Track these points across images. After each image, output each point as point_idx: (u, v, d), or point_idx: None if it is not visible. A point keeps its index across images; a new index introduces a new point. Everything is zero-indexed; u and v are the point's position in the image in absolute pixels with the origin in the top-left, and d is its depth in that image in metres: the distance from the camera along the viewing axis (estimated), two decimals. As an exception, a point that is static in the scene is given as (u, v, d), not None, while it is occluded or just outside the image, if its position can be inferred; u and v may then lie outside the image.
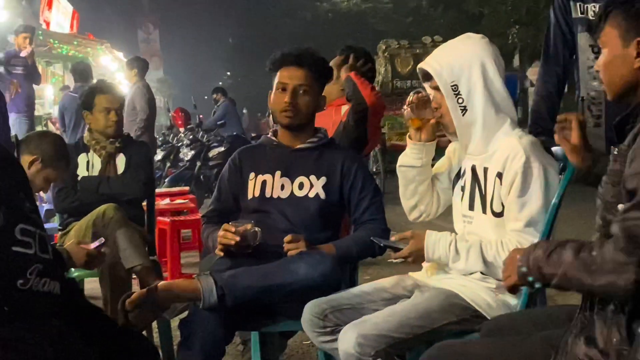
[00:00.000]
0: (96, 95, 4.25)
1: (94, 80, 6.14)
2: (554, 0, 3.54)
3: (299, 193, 3.10)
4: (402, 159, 2.87)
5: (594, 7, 3.32)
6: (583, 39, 3.41)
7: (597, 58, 3.31)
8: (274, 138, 3.24)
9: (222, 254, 2.98)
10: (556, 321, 2.07)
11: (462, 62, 2.59)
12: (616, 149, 1.88)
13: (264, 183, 3.13)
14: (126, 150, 4.30)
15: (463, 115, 2.59)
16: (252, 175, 3.17)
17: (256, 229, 2.93)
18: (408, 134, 2.88)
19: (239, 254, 2.95)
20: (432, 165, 2.91)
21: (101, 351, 1.45)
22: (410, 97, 2.80)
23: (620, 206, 1.79)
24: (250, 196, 3.14)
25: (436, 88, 2.65)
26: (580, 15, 3.41)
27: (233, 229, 2.92)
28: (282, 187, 3.11)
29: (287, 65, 3.12)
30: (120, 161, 4.27)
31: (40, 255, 1.35)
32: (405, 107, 2.82)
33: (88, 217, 3.90)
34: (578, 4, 3.41)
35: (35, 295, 1.32)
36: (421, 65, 2.70)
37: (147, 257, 3.80)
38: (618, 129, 1.96)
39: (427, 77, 2.71)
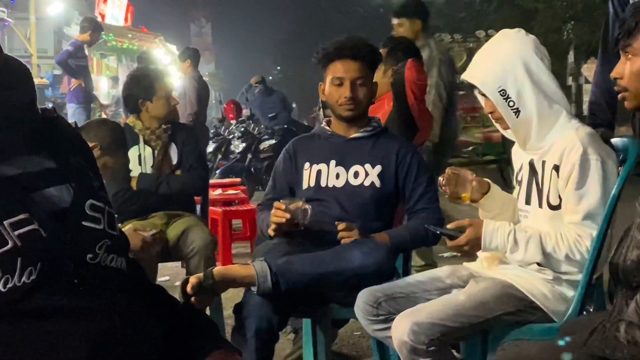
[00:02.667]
0: (157, 83, 4.20)
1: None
2: None
3: (354, 182, 3.11)
4: (480, 213, 2.82)
5: None
6: None
7: None
8: (327, 128, 3.25)
9: (273, 233, 3.01)
10: None
11: (504, 65, 2.55)
12: None
13: (319, 172, 3.14)
14: (176, 137, 4.23)
15: (517, 117, 2.56)
16: (307, 165, 3.18)
17: (307, 206, 2.95)
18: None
19: (290, 233, 2.98)
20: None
21: (165, 327, 1.48)
22: (441, 181, 2.79)
23: None
24: (305, 186, 3.16)
25: (485, 95, 2.62)
26: None
27: (283, 207, 2.95)
28: (337, 176, 3.12)
29: (341, 58, 3.11)
30: (173, 151, 4.21)
31: (109, 231, 1.38)
32: (442, 189, 2.81)
33: None
34: None
35: (104, 270, 1.35)
36: (464, 77, 2.67)
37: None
38: None
39: (473, 85, 2.67)
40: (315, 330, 3.27)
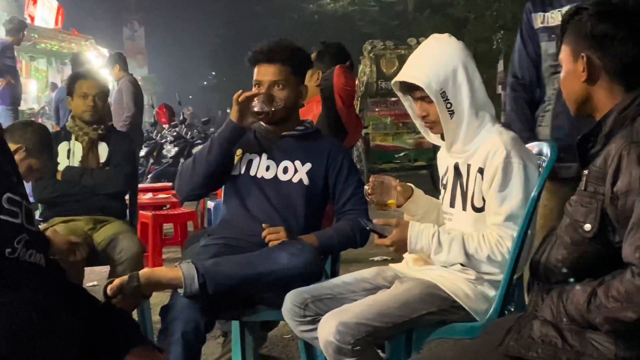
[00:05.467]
0: (77, 81, 4.28)
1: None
2: (523, 15, 3.66)
3: (282, 177, 3.12)
4: (405, 217, 2.85)
5: (552, 14, 3.45)
6: (544, 47, 3.50)
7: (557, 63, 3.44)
8: (262, 124, 3.27)
9: (236, 117, 3.04)
10: None
11: (446, 68, 2.59)
12: (586, 171, 1.95)
13: (250, 162, 3.16)
14: (109, 139, 4.29)
15: (451, 118, 2.61)
16: (239, 151, 3.19)
17: (277, 99, 3.06)
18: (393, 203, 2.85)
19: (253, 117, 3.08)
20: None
21: (85, 325, 1.47)
22: (367, 190, 2.81)
23: (587, 226, 1.88)
24: (235, 172, 3.17)
25: (422, 98, 2.64)
26: (540, 25, 3.52)
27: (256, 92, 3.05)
28: (268, 168, 3.14)
29: (260, 62, 3.12)
30: (103, 150, 4.25)
31: (27, 226, 1.37)
32: (369, 198, 2.83)
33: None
34: (539, 14, 3.52)
35: (22, 265, 1.34)
36: (403, 78, 2.66)
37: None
38: (580, 148, 2.02)
39: (407, 88, 2.69)
40: (243, 333, 3.27)
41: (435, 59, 2.63)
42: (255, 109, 3.05)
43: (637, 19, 1.98)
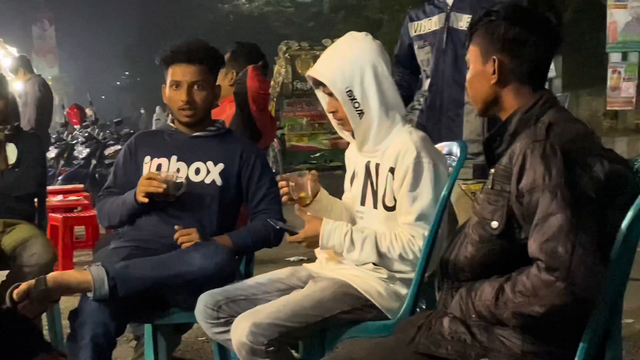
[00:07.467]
0: None
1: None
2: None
3: (195, 178, 3.08)
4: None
5: (424, 23, 3.78)
6: (417, 53, 3.84)
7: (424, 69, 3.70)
8: (172, 125, 3.23)
9: (146, 200, 2.96)
10: None
11: (353, 67, 2.60)
12: (492, 169, 2.00)
13: (159, 167, 3.10)
14: (17, 140, 4.17)
15: (360, 118, 2.62)
16: (147, 158, 3.14)
17: (181, 179, 3.00)
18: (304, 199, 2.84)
19: (161, 201, 2.99)
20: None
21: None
22: (281, 186, 2.80)
23: (494, 224, 1.92)
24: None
25: (331, 94, 2.65)
26: (415, 33, 3.83)
27: (160, 177, 2.96)
28: (178, 171, 3.09)
29: (178, 61, 3.08)
30: (11, 151, 4.13)
31: None
32: (284, 199, 2.82)
33: None
34: (415, 23, 3.84)
35: None
36: (311, 73, 2.69)
37: None
38: (487, 147, 2.07)
39: (320, 83, 2.69)
40: (156, 336, 3.23)
41: (343, 58, 2.65)
42: (160, 192, 2.96)
43: (547, 23, 2.02)
